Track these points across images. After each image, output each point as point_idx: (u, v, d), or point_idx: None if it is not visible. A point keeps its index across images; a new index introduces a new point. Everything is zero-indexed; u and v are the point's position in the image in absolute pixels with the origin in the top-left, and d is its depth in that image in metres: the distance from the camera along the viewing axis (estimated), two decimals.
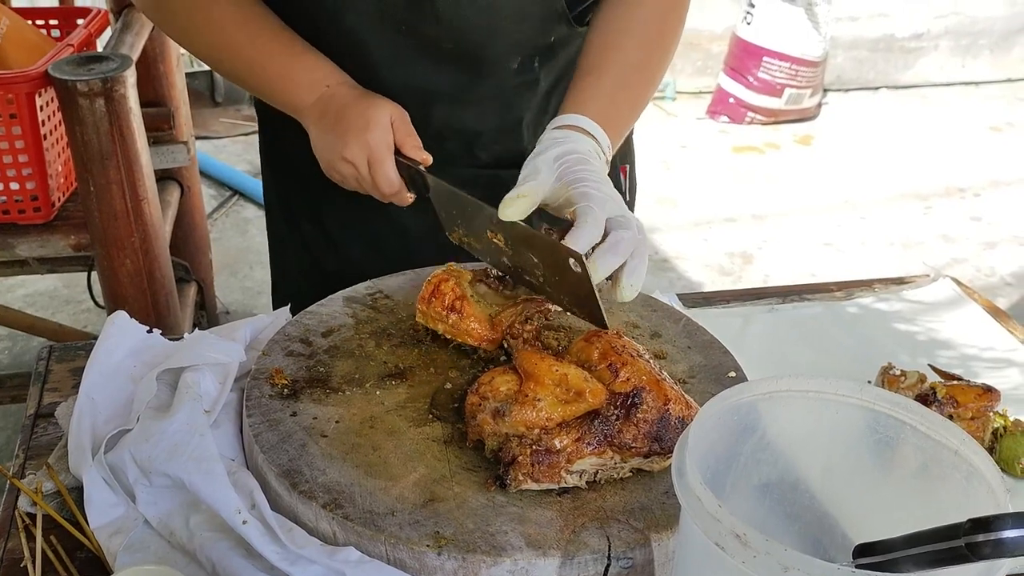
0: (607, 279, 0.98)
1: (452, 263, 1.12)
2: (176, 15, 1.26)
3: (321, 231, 1.42)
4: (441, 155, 1.30)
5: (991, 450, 1.06)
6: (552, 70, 1.32)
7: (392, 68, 1.23)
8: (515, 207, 1.01)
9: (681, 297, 1.37)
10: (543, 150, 1.09)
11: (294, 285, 1.48)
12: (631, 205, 1.54)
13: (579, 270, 0.95)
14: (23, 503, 0.96)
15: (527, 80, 1.30)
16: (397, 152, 1.14)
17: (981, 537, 0.56)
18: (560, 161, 1.07)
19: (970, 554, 0.56)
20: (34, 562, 0.89)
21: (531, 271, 1.04)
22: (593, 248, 0.97)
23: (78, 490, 0.95)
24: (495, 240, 1.06)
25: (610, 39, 1.23)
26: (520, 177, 1.06)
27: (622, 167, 1.48)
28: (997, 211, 4.26)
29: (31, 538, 0.92)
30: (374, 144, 1.12)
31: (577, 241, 0.96)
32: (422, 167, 1.14)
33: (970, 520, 0.57)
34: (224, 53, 1.24)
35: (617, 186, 1.43)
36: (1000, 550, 0.55)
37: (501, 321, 1.06)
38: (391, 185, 1.15)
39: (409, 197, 1.17)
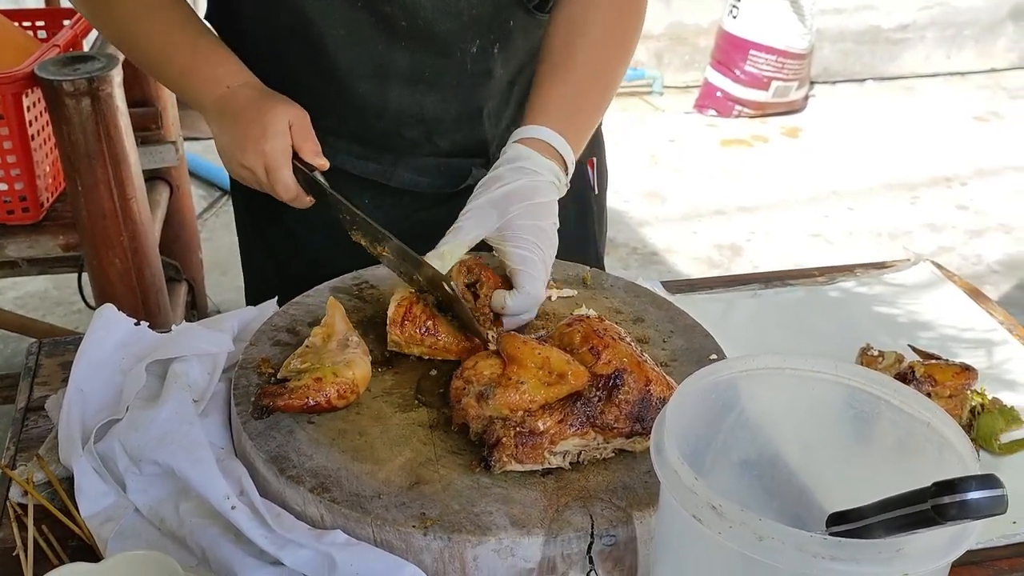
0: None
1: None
2: (96, 4, 1.24)
3: (286, 234, 1.41)
4: (401, 143, 1.31)
5: (969, 427, 1.08)
6: (512, 59, 1.32)
7: (347, 48, 1.21)
8: (437, 263, 1.06)
9: (665, 284, 1.39)
10: (493, 185, 1.11)
11: (263, 290, 1.37)
12: (601, 196, 1.55)
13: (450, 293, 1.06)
14: (14, 494, 0.97)
15: (487, 67, 1.29)
16: (296, 156, 1.14)
17: (946, 499, 0.57)
18: (507, 208, 1.09)
19: (937, 516, 0.58)
20: (26, 551, 0.90)
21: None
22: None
23: (68, 480, 0.96)
24: (385, 254, 1.11)
25: (569, 40, 1.23)
26: (454, 223, 1.10)
27: (589, 160, 1.49)
28: (983, 200, 4.29)
29: (23, 528, 0.93)
30: (269, 151, 1.12)
31: (513, 320, 1.09)
32: (317, 173, 1.14)
33: (935, 483, 0.58)
34: (136, 43, 1.23)
35: (584, 180, 1.45)
36: (965, 511, 0.57)
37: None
38: (288, 191, 1.14)
39: (308, 200, 1.16)
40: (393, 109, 1.27)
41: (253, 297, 1.44)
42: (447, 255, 1.07)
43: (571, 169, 1.17)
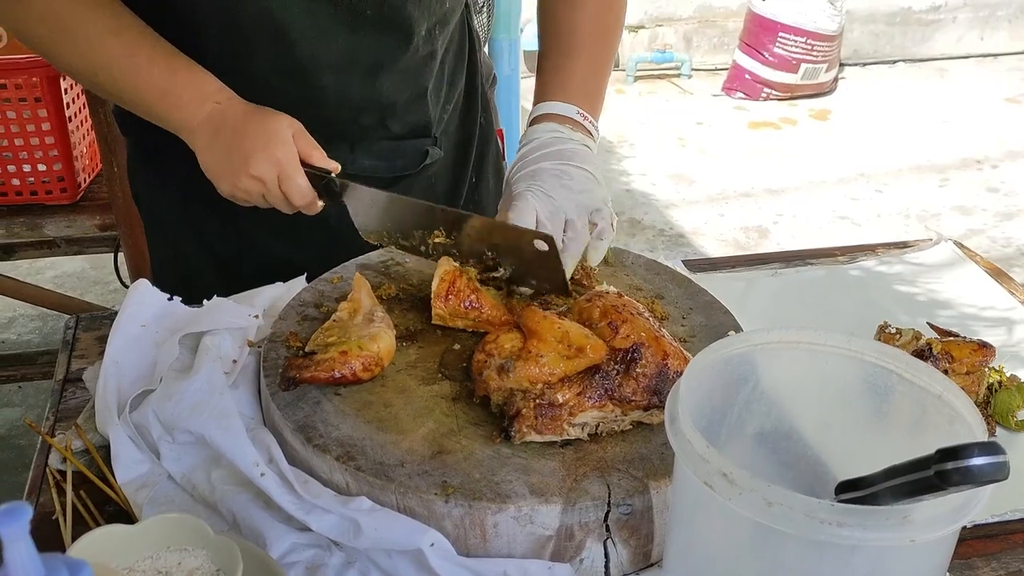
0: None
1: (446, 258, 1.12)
2: (41, 21, 1.15)
3: (234, 231, 1.35)
4: (356, 130, 1.32)
5: (986, 404, 1.08)
6: (445, 40, 1.34)
7: (311, 42, 1.19)
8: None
9: (687, 263, 1.40)
10: (549, 178, 1.18)
11: (203, 288, 1.22)
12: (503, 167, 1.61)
13: (546, 248, 1.06)
14: (54, 461, 1.00)
15: (432, 49, 1.31)
16: (304, 163, 1.13)
17: (950, 465, 0.58)
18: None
19: (940, 482, 0.59)
20: (65, 515, 0.93)
21: (481, 258, 1.13)
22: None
23: (105, 448, 0.99)
24: (437, 240, 1.13)
25: (568, 15, 1.31)
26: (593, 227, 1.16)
27: (499, 131, 1.60)
28: (1014, 182, 4.24)
29: (62, 493, 0.96)
30: (283, 158, 1.10)
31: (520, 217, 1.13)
32: (333, 175, 1.13)
33: (939, 450, 0.59)
34: (101, 70, 1.17)
35: (496, 148, 1.59)
36: (968, 477, 0.58)
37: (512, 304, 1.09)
38: (304, 197, 1.13)
39: (320, 205, 1.16)
40: (355, 98, 1.27)
41: (178, 290, 1.22)
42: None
43: (596, 135, 1.27)
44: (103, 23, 1.15)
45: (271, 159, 1.10)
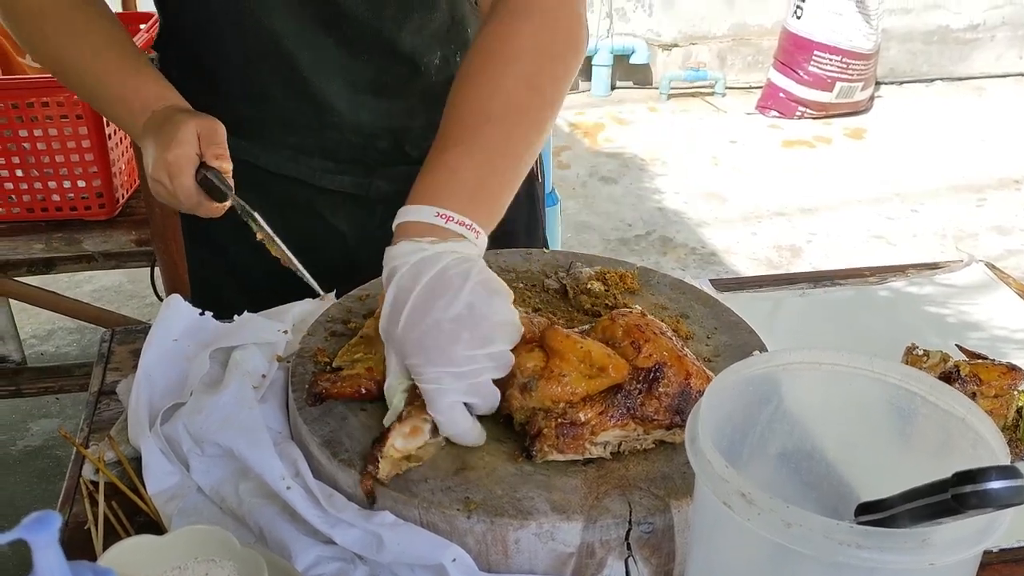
0: None
1: None
2: (28, 17, 1.20)
3: (248, 245, 1.28)
4: (373, 156, 1.33)
5: (1015, 427, 1.07)
6: None
7: (318, 69, 1.23)
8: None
9: (714, 282, 1.40)
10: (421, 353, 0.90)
11: (234, 303, 1.22)
12: (542, 184, 1.56)
13: None
14: (87, 471, 1.03)
15: (450, 75, 1.11)
16: (204, 165, 1.15)
17: (967, 488, 0.58)
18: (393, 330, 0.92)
19: (958, 505, 0.59)
20: (96, 525, 0.95)
21: None
22: None
23: (136, 460, 1.01)
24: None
25: (474, 84, 1.03)
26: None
27: None
28: None
29: (94, 503, 0.98)
30: (172, 159, 1.13)
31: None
32: (227, 177, 1.16)
33: (956, 473, 0.59)
34: (68, 69, 1.22)
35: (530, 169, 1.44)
36: (986, 500, 0.58)
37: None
38: (189, 198, 1.16)
39: (214, 208, 1.17)
40: (366, 123, 1.29)
41: (211, 305, 1.22)
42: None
43: (478, 235, 0.96)
44: (76, 24, 1.19)
45: (164, 161, 1.13)
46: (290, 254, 1.14)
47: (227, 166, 1.15)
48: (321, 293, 1.12)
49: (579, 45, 1.10)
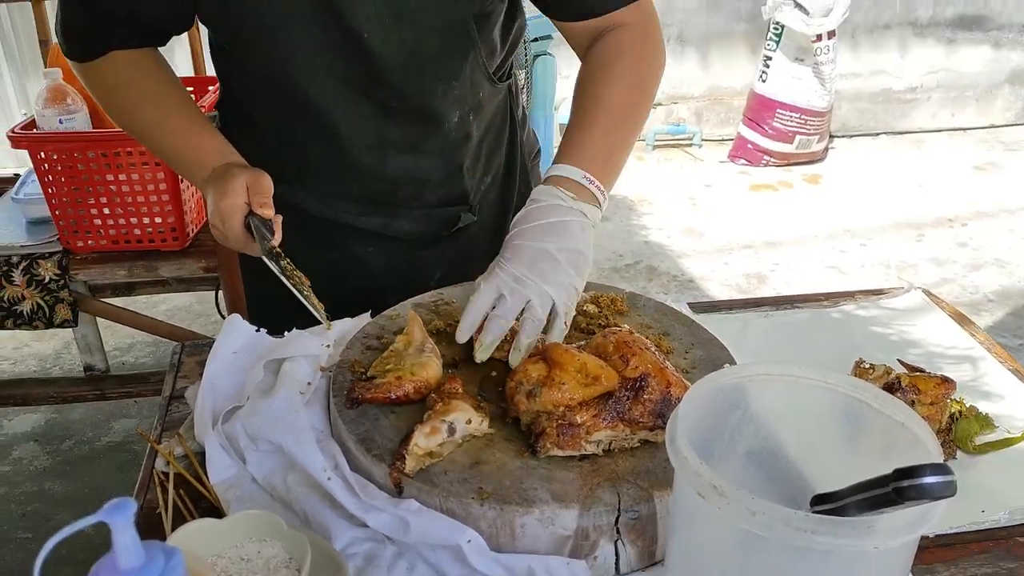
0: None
1: None
2: (100, 81, 1.23)
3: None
4: (396, 200, 1.33)
5: (948, 431, 1.06)
6: (482, 123, 1.34)
7: (350, 126, 1.23)
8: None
9: (692, 305, 1.39)
10: (527, 258, 1.05)
11: (283, 322, 1.22)
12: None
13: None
14: (159, 464, 1.03)
15: (467, 132, 1.30)
16: (252, 213, 1.14)
17: (905, 483, 0.58)
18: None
19: (898, 498, 0.59)
20: (166, 510, 0.95)
21: None
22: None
23: (201, 454, 1.02)
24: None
25: (597, 91, 1.19)
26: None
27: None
28: (981, 238, 4.17)
29: (165, 491, 0.98)
30: (226, 208, 1.13)
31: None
32: (273, 223, 1.14)
33: (896, 470, 0.59)
34: (138, 129, 1.24)
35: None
36: (922, 493, 0.57)
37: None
38: (238, 241, 1.15)
39: (258, 248, 1.15)
40: (390, 173, 1.29)
41: (264, 323, 1.23)
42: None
43: (604, 202, 1.13)
44: (143, 88, 1.21)
45: (219, 209, 1.14)
46: (296, 291, 1.11)
47: (268, 213, 1.14)
48: (325, 323, 1.12)
49: (662, 66, 1.26)
